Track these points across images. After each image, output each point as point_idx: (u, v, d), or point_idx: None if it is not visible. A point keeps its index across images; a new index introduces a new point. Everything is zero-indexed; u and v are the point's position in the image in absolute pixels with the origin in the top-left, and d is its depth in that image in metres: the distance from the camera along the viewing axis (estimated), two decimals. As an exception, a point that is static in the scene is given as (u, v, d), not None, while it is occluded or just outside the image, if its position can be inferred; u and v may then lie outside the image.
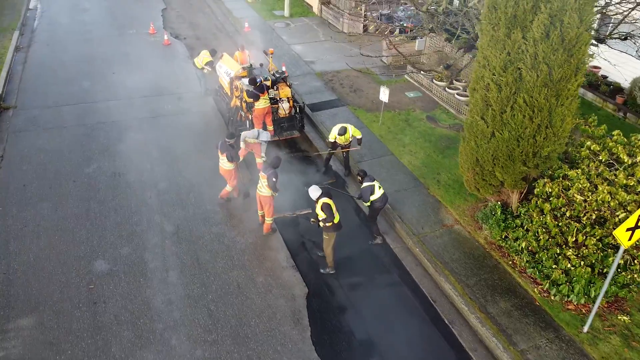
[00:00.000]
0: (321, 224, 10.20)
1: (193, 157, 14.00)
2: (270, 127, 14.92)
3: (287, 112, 15.22)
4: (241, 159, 13.42)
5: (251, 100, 14.39)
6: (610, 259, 9.11)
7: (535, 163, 9.70)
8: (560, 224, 9.41)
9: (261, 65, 16.09)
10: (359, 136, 13.26)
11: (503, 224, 10.94)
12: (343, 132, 13.01)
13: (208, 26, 24.15)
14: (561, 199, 9.44)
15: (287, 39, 22.37)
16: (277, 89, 15.11)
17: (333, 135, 13.25)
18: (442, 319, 9.83)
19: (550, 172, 10.26)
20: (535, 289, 10.16)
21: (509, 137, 9.58)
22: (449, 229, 11.83)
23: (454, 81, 17.34)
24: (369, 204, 11.24)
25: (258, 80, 14.49)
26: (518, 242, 10.41)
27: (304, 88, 17.75)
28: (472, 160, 10.69)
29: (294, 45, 21.63)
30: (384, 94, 15.25)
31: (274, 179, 11.03)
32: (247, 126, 14.92)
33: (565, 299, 9.79)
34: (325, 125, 15.73)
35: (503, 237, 10.98)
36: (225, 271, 10.49)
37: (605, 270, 9.33)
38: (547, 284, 9.85)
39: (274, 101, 14.94)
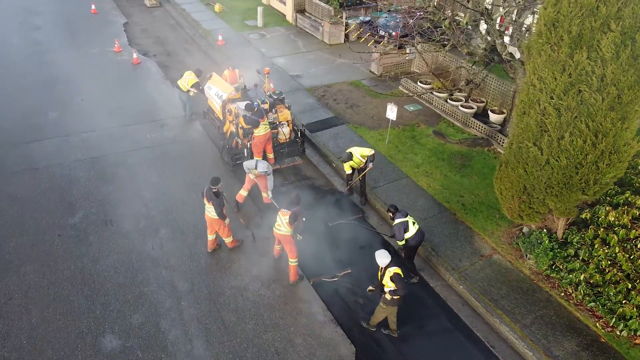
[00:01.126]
0: (388, 296, 8.75)
1: (191, 195, 12.48)
2: (271, 155, 13.65)
3: (287, 136, 13.98)
4: (245, 193, 12.11)
5: (249, 126, 13.06)
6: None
7: (594, 190, 8.91)
8: (632, 257, 8.64)
9: (256, 85, 14.75)
10: (370, 153, 12.12)
11: (551, 253, 10.13)
12: (347, 158, 11.98)
13: (177, 40, 22.41)
14: (634, 230, 8.68)
15: (267, 51, 20.99)
16: (276, 112, 13.83)
17: (348, 167, 12.16)
18: (508, 369, 8.90)
19: (608, 199, 9.51)
20: (597, 324, 9.41)
21: (567, 164, 8.74)
22: (488, 260, 10.95)
23: (456, 93, 16.54)
24: (403, 242, 10.16)
25: (255, 104, 13.17)
26: (575, 274, 9.61)
27: (297, 107, 16.45)
28: (518, 188, 9.80)
29: (275, 59, 20.29)
30: (392, 112, 14.23)
31: (303, 219, 9.83)
32: (245, 154, 13.56)
33: (632, 334, 9.07)
34: (328, 147, 14.56)
35: (552, 266, 10.18)
36: (257, 334, 9.15)
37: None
38: (614, 319, 9.08)
39: (274, 126, 13.66)
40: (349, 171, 12.30)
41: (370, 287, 9.31)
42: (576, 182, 8.85)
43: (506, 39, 14.61)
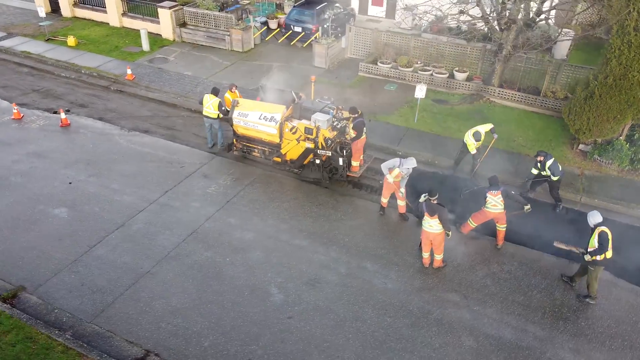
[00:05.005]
0: (587, 257, 9.57)
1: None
2: (362, 157, 13.65)
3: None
4: (386, 200, 12.10)
5: (355, 132, 12.88)
6: None
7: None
8: None
9: (300, 97, 14.02)
10: (491, 126, 13.30)
11: (630, 152, 13.49)
12: (478, 138, 13.06)
13: (68, 88, 18.16)
14: None
15: (194, 73, 19.02)
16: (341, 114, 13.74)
17: (473, 146, 13.10)
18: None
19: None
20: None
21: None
22: (585, 176, 13.79)
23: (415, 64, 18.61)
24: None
25: (331, 112, 13.05)
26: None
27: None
28: (613, 111, 12.78)
29: (211, 78, 18.63)
30: (421, 91, 15.53)
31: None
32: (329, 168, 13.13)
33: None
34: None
35: (632, 163, 13.59)
36: (553, 298, 10.05)
37: None
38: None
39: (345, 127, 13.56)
40: (474, 152, 13.23)
41: (578, 248, 9.94)
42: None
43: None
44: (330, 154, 13.14)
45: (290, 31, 21.04)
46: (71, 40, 21.05)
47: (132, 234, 11.43)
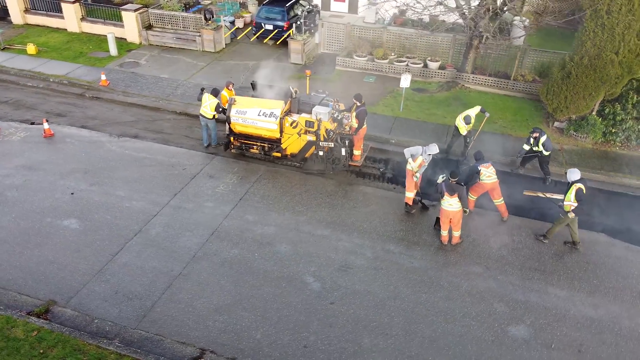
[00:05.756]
0: (567, 207, 10.81)
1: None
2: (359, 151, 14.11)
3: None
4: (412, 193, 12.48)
5: (357, 121, 13.36)
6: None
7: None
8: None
9: (296, 92, 14.24)
10: (478, 109, 14.09)
11: (602, 126, 14.79)
12: (469, 121, 13.83)
13: (39, 98, 17.36)
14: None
15: (170, 76, 18.73)
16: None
17: (464, 129, 13.87)
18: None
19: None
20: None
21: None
22: (565, 151, 14.95)
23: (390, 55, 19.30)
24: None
25: (330, 104, 13.51)
26: (627, 126, 14.57)
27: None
28: (589, 89, 13.99)
29: (191, 80, 18.44)
30: (406, 80, 16.19)
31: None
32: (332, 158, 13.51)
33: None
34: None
35: (605, 136, 14.91)
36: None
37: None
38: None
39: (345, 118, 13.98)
40: (465, 133, 14.00)
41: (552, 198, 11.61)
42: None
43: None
44: (332, 145, 13.49)
45: (262, 29, 21.10)
46: (31, 48, 20.05)
47: (152, 239, 11.27)
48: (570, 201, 10.85)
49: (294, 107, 14.04)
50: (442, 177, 11.12)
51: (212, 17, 21.10)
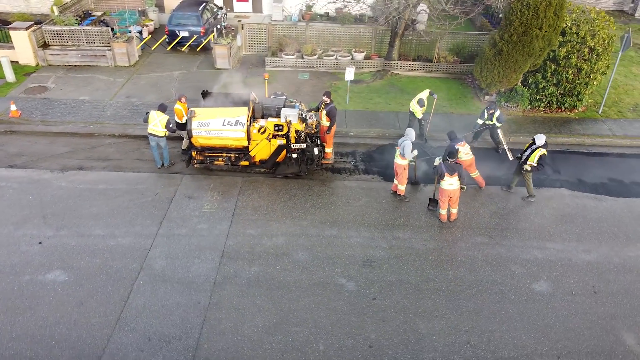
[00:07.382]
0: (527, 167, 12.31)
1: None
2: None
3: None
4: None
5: (329, 119, 13.52)
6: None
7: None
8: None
9: (255, 98, 13.87)
10: (428, 93, 14.91)
11: (528, 94, 16.63)
12: (423, 104, 14.61)
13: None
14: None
15: (92, 97, 16.94)
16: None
17: (419, 112, 14.59)
18: None
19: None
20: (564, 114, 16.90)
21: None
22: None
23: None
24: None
25: (296, 105, 13.61)
26: (549, 91, 16.56)
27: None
28: (516, 63, 15.62)
29: (115, 98, 16.91)
30: (350, 73, 16.57)
31: None
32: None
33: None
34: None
35: (531, 103, 16.78)
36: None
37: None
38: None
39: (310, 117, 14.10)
40: (420, 116, 14.71)
41: (527, 166, 12.65)
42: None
43: None
44: (305, 146, 13.41)
45: (179, 37, 19.95)
46: None
47: (160, 274, 10.32)
48: (533, 162, 12.20)
49: (258, 113, 13.63)
50: (439, 159, 11.72)
51: (113, 29, 19.48)
